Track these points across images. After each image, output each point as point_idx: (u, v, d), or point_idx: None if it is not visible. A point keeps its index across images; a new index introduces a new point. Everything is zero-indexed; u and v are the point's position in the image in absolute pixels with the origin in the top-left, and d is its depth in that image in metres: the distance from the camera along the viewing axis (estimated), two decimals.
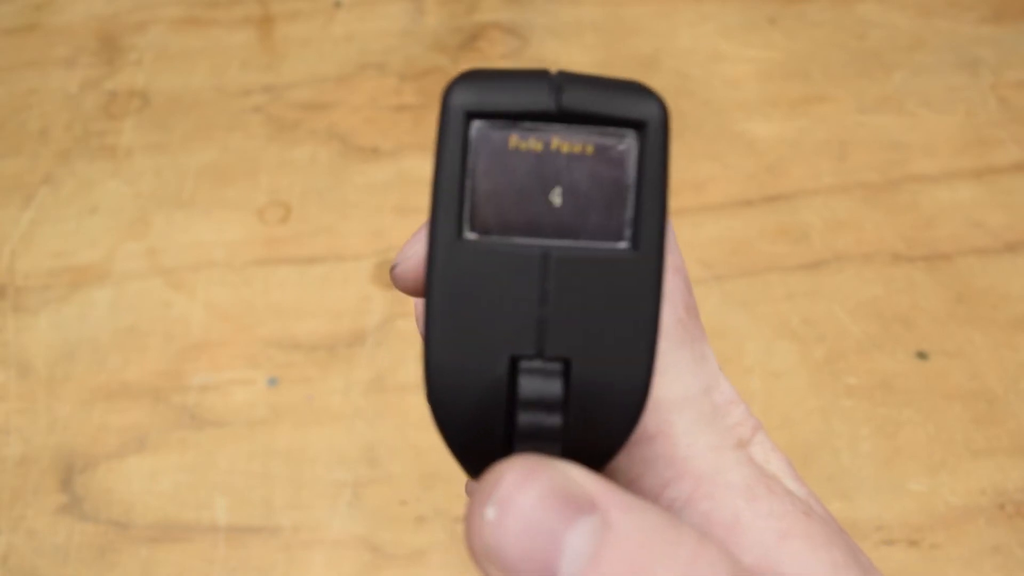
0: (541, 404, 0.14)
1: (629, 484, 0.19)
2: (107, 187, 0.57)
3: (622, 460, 0.19)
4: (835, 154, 0.57)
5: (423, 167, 0.57)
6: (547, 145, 0.15)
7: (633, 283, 0.15)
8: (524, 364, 0.15)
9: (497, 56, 0.63)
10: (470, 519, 0.14)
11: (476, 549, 0.14)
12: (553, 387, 0.14)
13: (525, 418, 0.14)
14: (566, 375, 0.15)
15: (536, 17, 0.66)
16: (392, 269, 0.20)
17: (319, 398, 0.47)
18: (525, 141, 0.15)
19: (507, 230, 0.15)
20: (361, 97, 0.61)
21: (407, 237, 0.55)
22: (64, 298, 0.51)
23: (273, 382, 0.47)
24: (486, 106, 0.15)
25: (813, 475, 0.44)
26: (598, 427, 0.15)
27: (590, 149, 0.15)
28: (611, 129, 0.15)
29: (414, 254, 0.20)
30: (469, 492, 0.21)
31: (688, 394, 0.19)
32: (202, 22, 0.67)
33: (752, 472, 0.19)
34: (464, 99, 0.15)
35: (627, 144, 0.15)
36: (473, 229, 0.15)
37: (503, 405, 0.15)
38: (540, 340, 0.15)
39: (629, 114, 0.15)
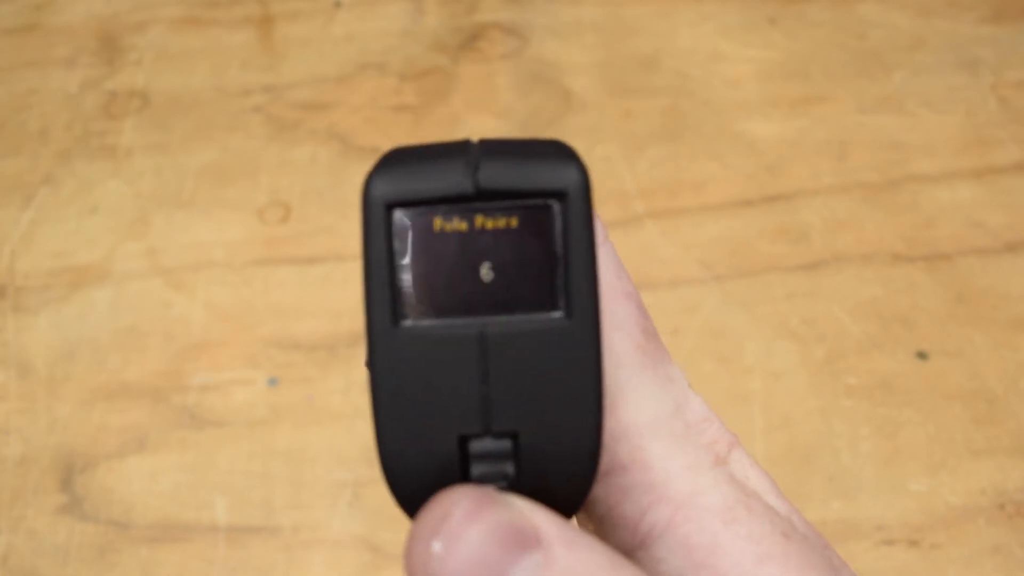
0: (494, 480, 0.15)
1: (608, 513, 0.19)
2: (107, 187, 0.57)
3: (599, 491, 0.19)
4: (835, 154, 0.57)
5: None
6: (471, 223, 0.15)
7: (571, 351, 0.15)
8: (474, 444, 0.15)
9: (497, 56, 0.63)
10: (413, 549, 0.14)
11: None
12: (504, 467, 0.15)
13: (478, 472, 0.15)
14: (515, 449, 0.15)
15: (536, 17, 0.66)
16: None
17: (319, 398, 0.47)
18: (449, 223, 0.15)
19: (442, 312, 0.15)
20: (361, 97, 0.61)
21: None
22: (64, 298, 0.51)
23: (273, 382, 0.47)
24: (405, 195, 0.15)
25: (813, 475, 0.44)
26: (552, 493, 0.15)
27: (514, 222, 0.15)
28: (532, 201, 0.15)
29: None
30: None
31: (657, 417, 0.19)
32: (202, 22, 0.67)
33: (731, 491, 0.19)
34: (383, 190, 0.15)
35: (550, 214, 0.15)
36: (408, 316, 0.15)
37: (457, 482, 0.15)
38: (486, 417, 0.15)
39: (549, 185, 0.15)
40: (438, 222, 0.15)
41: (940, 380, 0.47)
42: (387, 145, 0.59)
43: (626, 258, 0.34)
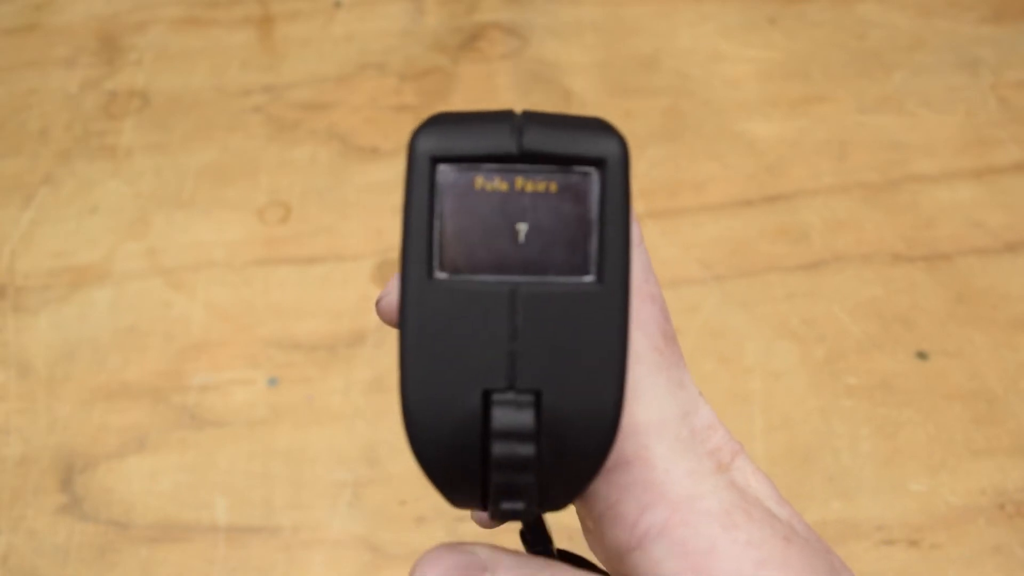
0: (514, 435, 0.15)
1: (608, 510, 0.19)
2: (107, 187, 0.57)
3: (600, 486, 0.19)
4: (835, 154, 0.57)
5: None
6: (512, 185, 0.15)
7: (599, 315, 0.15)
8: (496, 396, 0.15)
9: (497, 56, 0.63)
10: None
11: None
12: (525, 418, 0.15)
13: (499, 448, 0.15)
14: (537, 406, 0.15)
15: (536, 17, 0.66)
16: (377, 303, 0.21)
17: (319, 398, 0.47)
18: (490, 182, 0.15)
19: (476, 268, 0.15)
20: (361, 97, 0.61)
21: None
22: (64, 298, 0.51)
23: (273, 382, 0.47)
24: (451, 151, 0.15)
25: (813, 475, 0.44)
26: (571, 455, 0.16)
27: (553, 187, 0.15)
28: (573, 168, 0.15)
29: (396, 289, 0.21)
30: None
31: (665, 419, 0.19)
32: (202, 22, 0.67)
33: (731, 497, 0.19)
34: (430, 145, 0.15)
35: (589, 182, 0.15)
36: (443, 269, 0.15)
37: (478, 437, 0.15)
38: (511, 374, 0.15)
39: (589, 153, 0.15)
40: (479, 181, 0.15)
41: (940, 380, 0.47)
42: (387, 145, 0.59)
43: None
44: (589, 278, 0.15)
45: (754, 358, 0.48)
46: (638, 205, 0.55)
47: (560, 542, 0.21)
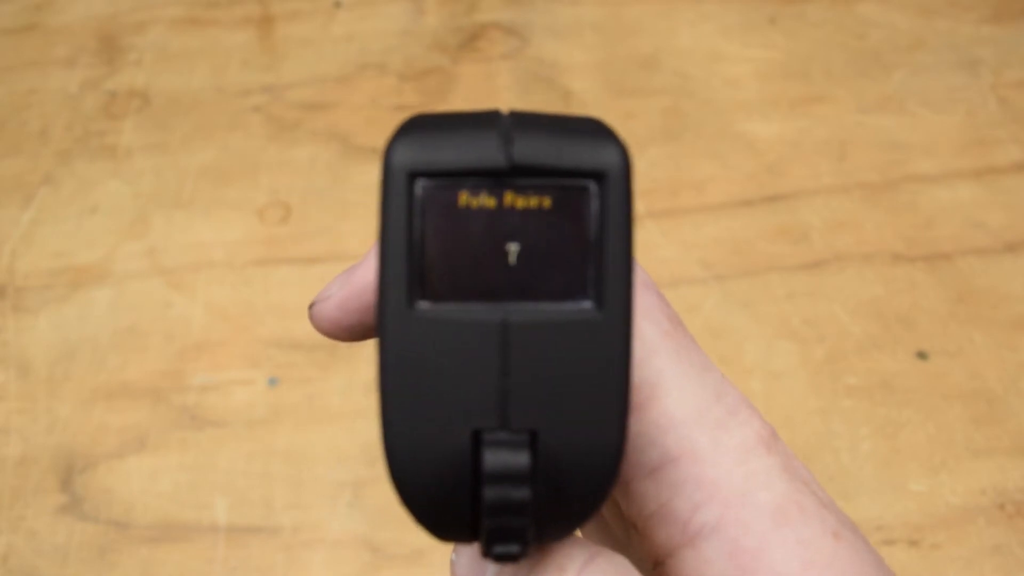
0: (508, 477, 0.14)
1: (659, 509, 0.18)
2: (107, 187, 0.57)
3: (649, 487, 0.18)
4: (835, 154, 0.57)
5: None
6: (500, 201, 0.14)
7: (599, 346, 0.14)
8: (488, 437, 0.14)
9: (497, 56, 0.63)
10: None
11: None
12: (520, 459, 0.14)
13: (492, 492, 0.14)
14: (533, 447, 0.14)
15: (536, 17, 0.66)
16: (310, 308, 0.20)
17: (319, 398, 0.47)
18: (476, 198, 0.14)
19: (461, 296, 0.14)
20: (361, 97, 0.61)
21: None
22: (64, 298, 0.51)
23: (273, 382, 0.47)
24: (431, 164, 0.14)
25: (814, 475, 0.44)
26: (569, 497, 0.14)
27: (547, 203, 0.14)
28: (569, 180, 0.14)
29: (332, 295, 0.20)
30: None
31: (700, 407, 0.18)
32: (202, 22, 0.67)
33: (784, 488, 0.18)
34: (407, 157, 0.14)
35: (587, 196, 0.14)
36: (425, 297, 0.14)
37: (468, 480, 0.14)
38: (503, 412, 0.14)
39: (587, 164, 0.14)
40: (464, 197, 0.14)
41: (940, 380, 0.47)
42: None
43: None
44: (587, 304, 0.14)
45: (754, 358, 0.48)
46: (638, 205, 0.55)
47: None
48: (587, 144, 0.14)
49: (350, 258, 0.52)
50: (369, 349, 0.48)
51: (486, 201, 0.14)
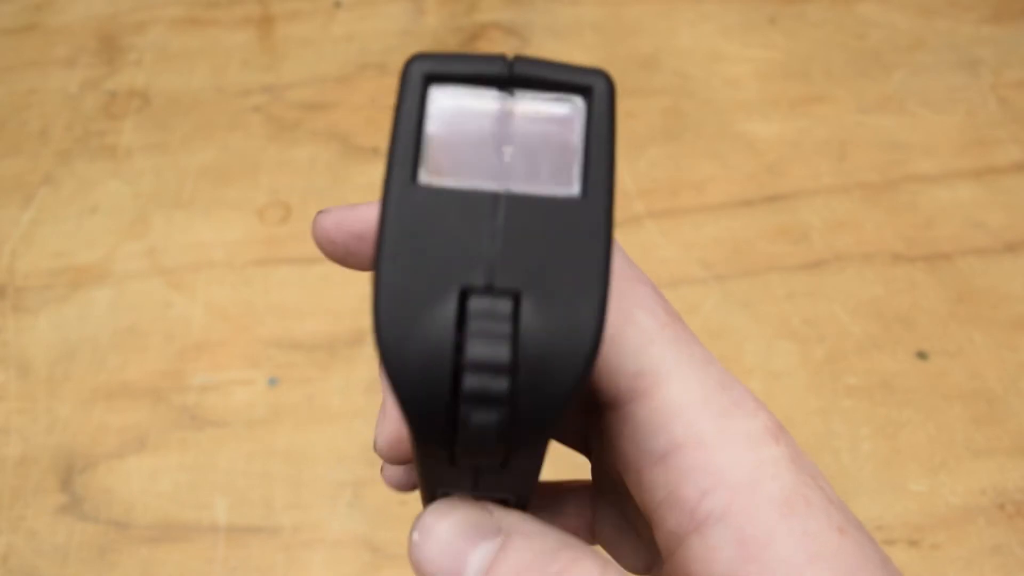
0: (490, 331, 0.14)
1: (667, 496, 0.19)
2: (107, 187, 0.57)
3: (658, 474, 0.19)
4: (835, 154, 0.57)
5: None
6: (501, 107, 0.16)
7: (583, 226, 0.15)
8: (474, 295, 0.15)
9: None
10: (409, 540, 0.18)
11: (411, 563, 0.18)
12: (502, 307, 0.14)
13: (474, 346, 0.14)
14: (515, 311, 0.14)
15: (536, 17, 0.66)
16: (315, 219, 0.21)
17: (319, 398, 0.47)
18: (479, 102, 0.16)
19: (461, 176, 0.15)
20: (361, 97, 0.61)
21: None
22: (64, 298, 0.51)
23: (273, 382, 0.47)
24: (444, 71, 0.15)
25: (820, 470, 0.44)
26: (549, 371, 0.15)
27: (541, 111, 0.16)
28: (560, 95, 0.16)
29: (333, 211, 0.21)
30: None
31: (706, 394, 0.19)
32: (202, 22, 0.67)
33: (791, 479, 0.18)
34: (423, 67, 0.15)
35: (575, 107, 0.16)
36: (428, 174, 0.15)
37: (452, 337, 0.14)
38: (490, 274, 0.15)
39: (576, 81, 0.16)
40: (469, 100, 0.16)
41: (940, 380, 0.47)
42: (387, 145, 0.59)
43: None
44: (574, 190, 0.15)
45: (754, 358, 0.48)
46: (638, 205, 0.55)
47: None
48: (577, 70, 0.16)
49: None
50: (367, 350, 0.48)
51: (488, 105, 0.16)
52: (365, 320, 0.50)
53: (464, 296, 0.14)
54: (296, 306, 0.50)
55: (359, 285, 0.51)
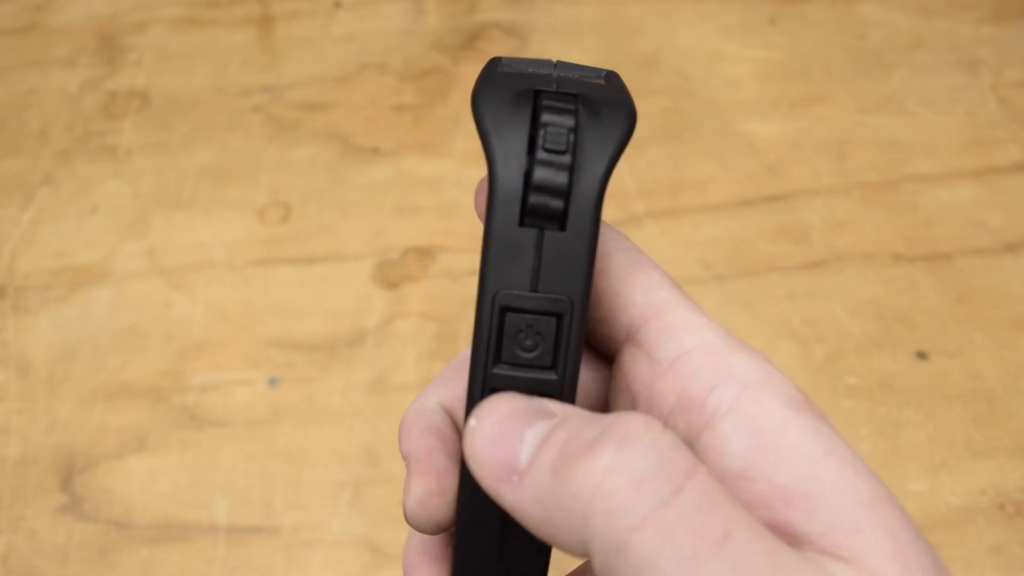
0: (559, 107, 0.19)
1: (677, 399, 0.19)
2: (107, 187, 0.57)
3: (668, 381, 0.19)
4: (835, 154, 0.57)
5: (423, 167, 0.57)
6: (549, 75, 0.21)
7: (610, 92, 0.20)
8: (545, 91, 0.20)
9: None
10: (464, 432, 0.18)
11: (465, 453, 0.18)
12: (568, 101, 0.19)
13: (546, 103, 0.19)
14: (576, 101, 0.20)
15: (536, 17, 0.66)
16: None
17: (319, 398, 0.47)
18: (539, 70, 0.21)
19: (525, 69, 0.21)
20: (361, 97, 0.61)
21: (407, 237, 0.55)
22: (64, 298, 0.51)
23: (273, 382, 0.47)
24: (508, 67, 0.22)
25: None
26: (601, 126, 0.20)
27: (576, 76, 0.21)
28: (593, 74, 0.22)
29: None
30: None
31: (713, 326, 0.20)
32: (202, 22, 0.67)
33: (798, 389, 0.19)
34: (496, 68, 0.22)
35: (600, 77, 0.21)
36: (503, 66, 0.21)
37: (530, 110, 0.19)
38: (556, 86, 0.20)
39: (602, 70, 0.22)
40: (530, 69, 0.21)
41: (940, 380, 0.47)
42: (387, 145, 0.59)
43: None
44: (601, 81, 0.21)
45: None
46: (638, 205, 0.55)
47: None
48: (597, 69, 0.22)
49: (350, 258, 0.53)
50: (367, 350, 0.48)
51: (541, 70, 0.21)
52: (365, 320, 0.50)
53: (538, 93, 0.20)
54: (296, 306, 0.50)
55: (359, 285, 0.51)
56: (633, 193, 0.55)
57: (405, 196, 0.55)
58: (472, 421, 0.18)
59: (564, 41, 0.64)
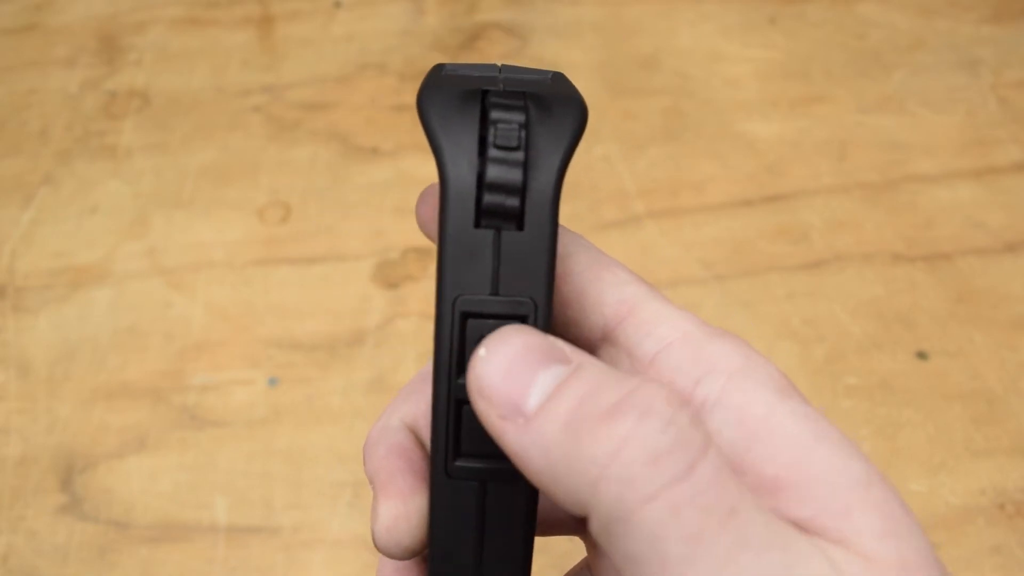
0: (507, 104, 0.19)
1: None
2: (107, 187, 0.57)
3: (650, 372, 0.19)
4: (835, 154, 0.57)
5: (423, 167, 0.57)
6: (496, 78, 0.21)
7: (558, 88, 0.20)
8: (493, 91, 0.19)
9: (497, 56, 0.63)
10: (470, 360, 0.17)
11: (470, 384, 0.17)
12: (516, 99, 0.19)
13: (494, 97, 0.19)
14: (524, 100, 0.19)
15: (536, 17, 0.66)
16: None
17: (319, 398, 0.47)
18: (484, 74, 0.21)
19: (471, 72, 0.21)
20: (361, 97, 0.61)
21: (407, 237, 0.55)
22: (64, 298, 0.51)
23: (273, 382, 0.47)
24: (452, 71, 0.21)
25: None
26: (551, 124, 0.19)
27: (523, 77, 0.21)
28: (539, 74, 0.22)
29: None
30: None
31: (688, 316, 0.20)
32: (202, 22, 0.67)
33: (782, 375, 0.19)
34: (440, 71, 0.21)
35: (546, 77, 0.21)
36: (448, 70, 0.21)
37: (479, 107, 0.19)
38: (503, 86, 0.20)
39: (547, 71, 0.22)
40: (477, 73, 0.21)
41: (940, 380, 0.47)
42: (387, 145, 0.59)
43: (626, 258, 0.34)
44: (548, 80, 0.21)
45: None
46: (638, 205, 0.55)
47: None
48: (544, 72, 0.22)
49: (350, 258, 0.53)
50: (367, 350, 0.48)
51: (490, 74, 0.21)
52: (365, 320, 0.50)
53: (485, 93, 0.19)
54: (296, 306, 0.50)
55: (359, 285, 0.51)
56: (633, 193, 0.55)
57: (405, 196, 0.55)
58: (481, 350, 0.17)
59: (564, 41, 0.64)
